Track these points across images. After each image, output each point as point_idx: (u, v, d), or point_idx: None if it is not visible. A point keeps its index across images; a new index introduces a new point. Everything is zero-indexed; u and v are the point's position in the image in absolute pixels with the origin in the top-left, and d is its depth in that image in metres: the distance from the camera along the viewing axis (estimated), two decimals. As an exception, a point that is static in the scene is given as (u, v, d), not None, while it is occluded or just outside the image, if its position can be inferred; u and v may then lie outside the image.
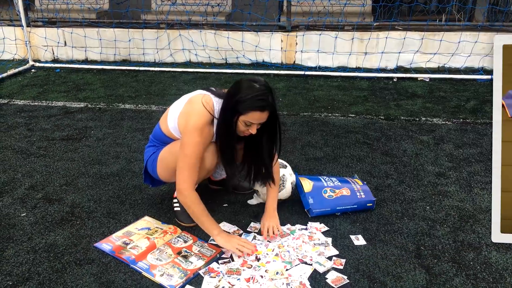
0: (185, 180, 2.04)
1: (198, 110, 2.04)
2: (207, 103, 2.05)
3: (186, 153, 2.02)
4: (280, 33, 5.21)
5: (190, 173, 2.04)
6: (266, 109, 1.94)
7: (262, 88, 1.94)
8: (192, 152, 2.02)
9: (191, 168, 2.03)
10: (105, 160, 3.04)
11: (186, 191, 2.04)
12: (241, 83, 1.98)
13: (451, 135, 3.38)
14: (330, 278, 1.93)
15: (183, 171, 2.04)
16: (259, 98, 1.91)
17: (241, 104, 1.92)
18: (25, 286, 1.90)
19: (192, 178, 2.05)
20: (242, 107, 1.92)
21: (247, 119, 1.95)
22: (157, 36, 5.44)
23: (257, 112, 1.93)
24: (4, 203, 2.53)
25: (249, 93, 1.92)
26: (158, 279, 1.92)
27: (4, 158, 3.08)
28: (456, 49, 4.88)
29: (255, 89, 1.93)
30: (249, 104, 1.92)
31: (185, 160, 2.03)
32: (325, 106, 4.06)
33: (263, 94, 1.93)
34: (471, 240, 2.17)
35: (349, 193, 2.38)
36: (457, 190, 2.62)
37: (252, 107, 1.92)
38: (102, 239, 2.20)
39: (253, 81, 1.97)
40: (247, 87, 1.94)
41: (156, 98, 4.32)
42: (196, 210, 2.06)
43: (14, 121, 3.76)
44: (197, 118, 2.02)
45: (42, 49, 5.72)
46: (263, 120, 1.98)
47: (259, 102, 1.92)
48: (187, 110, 2.09)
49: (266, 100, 1.93)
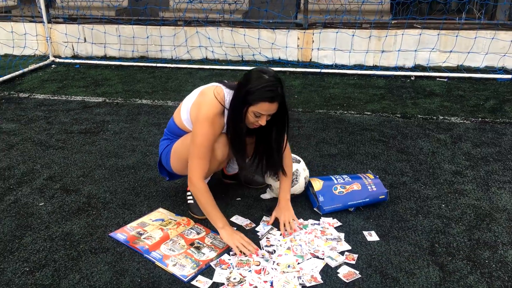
0: (196, 170, 2.05)
1: (209, 101, 2.06)
2: (218, 94, 2.07)
3: (196, 143, 2.04)
4: (297, 31, 5.20)
5: (200, 163, 2.05)
6: (275, 100, 1.95)
7: (272, 79, 1.95)
8: (203, 142, 2.03)
9: (201, 158, 2.05)
10: (121, 153, 3.09)
11: (195, 181, 2.06)
12: (251, 74, 1.99)
13: (469, 134, 3.33)
14: (342, 273, 1.93)
15: (194, 161, 2.06)
16: (268, 89, 1.92)
17: (251, 95, 1.93)
18: (41, 273, 1.94)
19: (202, 168, 2.06)
20: (252, 98, 1.93)
21: (257, 110, 1.96)
22: (175, 33, 5.49)
23: (266, 103, 1.93)
24: (23, 193, 2.59)
25: (259, 84, 1.92)
26: (170, 269, 1.94)
27: (24, 150, 3.15)
28: (475, 48, 4.80)
29: (265, 80, 1.93)
30: (258, 95, 1.92)
31: (195, 151, 2.05)
32: (340, 103, 4.04)
33: (272, 85, 1.93)
34: (487, 239, 2.14)
35: (359, 187, 2.36)
36: (474, 188, 2.58)
37: (262, 98, 1.92)
38: (117, 229, 2.24)
39: (263, 72, 1.97)
40: (256, 78, 1.95)
41: (172, 94, 4.36)
42: (204, 201, 2.07)
43: (34, 115, 3.84)
44: (208, 108, 2.05)
45: (63, 45, 5.83)
46: (272, 111, 1.98)
47: (269, 93, 1.92)
48: (199, 101, 2.11)
49: (275, 91, 1.93)
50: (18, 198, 2.54)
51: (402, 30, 4.93)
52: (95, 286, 1.86)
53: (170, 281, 1.89)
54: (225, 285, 1.85)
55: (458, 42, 4.82)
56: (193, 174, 2.06)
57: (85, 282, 1.89)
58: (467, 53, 4.83)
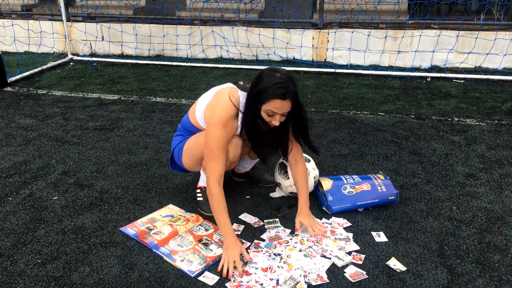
0: (211, 174, 2.04)
1: (224, 104, 2.07)
2: (233, 97, 2.08)
3: (210, 146, 2.05)
4: (312, 30, 5.19)
5: (216, 164, 2.04)
6: (287, 97, 1.94)
7: (283, 77, 1.95)
8: (216, 145, 2.04)
9: (216, 160, 2.04)
10: (134, 150, 3.13)
11: (211, 185, 2.03)
12: (263, 73, 2.00)
13: (484, 136, 3.27)
14: (349, 273, 1.92)
15: (209, 163, 2.05)
16: (279, 86, 1.92)
17: (263, 93, 1.94)
18: (53, 265, 1.99)
19: (217, 170, 2.04)
20: (264, 95, 1.94)
21: (269, 108, 1.96)
22: (190, 32, 5.53)
23: (278, 100, 1.93)
24: (38, 187, 2.65)
25: (270, 82, 1.93)
26: (178, 264, 1.97)
27: (40, 145, 3.22)
28: (493, 49, 4.71)
29: (276, 78, 1.94)
30: (270, 92, 1.93)
31: (209, 154, 2.06)
32: (354, 104, 4.02)
33: (284, 82, 1.93)
34: (497, 242, 2.10)
35: (369, 188, 2.35)
36: (486, 191, 2.54)
37: (273, 95, 1.93)
38: (127, 224, 2.28)
39: (275, 71, 1.98)
40: (268, 76, 1.96)
41: (186, 92, 4.40)
42: (215, 206, 2.02)
43: (51, 111, 3.93)
44: (222, 111, 2.06)
45: (81, 43, 5.94)
46: (285, 109, 1.97)
47: (280, 90, 1.92)
48: (214, 103, 2.13)
49: (287, 88, 1.93)
50: (33, 192, 2.60)
51: (420, 31, 4.87)
52: (104, 279, 1.90)
53: (177, 276, 1.92)
54: (231, 282, 1.87)
55: (477, 43, 4.74)
56: (209, 178, 2.04)
57: (95, 275, 1.93)
58: (485, 54, 4.75)
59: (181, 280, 1.89)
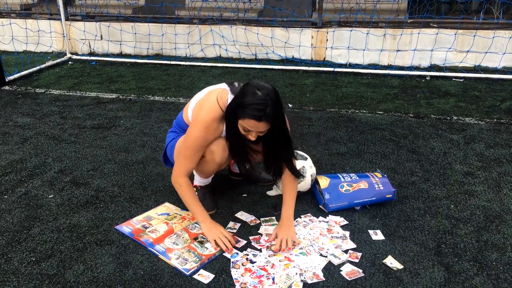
0: (179, 168, 2.11)
1: (210, 105, 2.04)
2: (221, 98, 2.03)
3: (187, 144, 2.08)
4: (311, 29, 5.18)
5: (186, 163, 2.09)
6: (262, 119, 1.87)
7: (263, 97, 1.86)
8: (192, 144, 2.05)
9: (187, 159, 2.08)
10: (131, 148, 3.12)
11: (176, 177, 2.11)
12: (247, 86, 1.92)
13: (483, 134, 3.26)
14: (345, 271, 1.91)
15: (180, 159, 2.11)
16: (256, 108, 1.85)
17: (240, 109, 1.89)
18: (47, 263, 1.98)
19: (186, 167, 2.10)
20: (241, 112, 1.89)
21: (244, 125, 1.91)
22: (189, 31, 5.52)
23: (253, 121, 1.87)
24: (34, 185, 2.64)
25: (249, 100, 1.86)
26: (173, 262, 1.96)
27: (37, 143, 3.21)
28: (492, 48, 4.70)
29: (256, 97, 1.86)
30: (247, 111, 1.87)
31: (182, 151, 2.10)
32: (352, 102, 4.00)
33: (261, 104, 1.85)
34: (495, 241, 2.09)
35: (366, 186, 2.34)
36: (484, 190, 2.53)
37: (249, 115, 1.87)
38: (123, 222, 2.26)
39: (258, 88, 1.89)
40: (250, 93, 1.88)
41: (185, 91, 4.39)
42: (184, 195, 2.11)
43: (49, 109, 3.92)
44: (207, 112, 2.04)
45: (80, 42, 5.93)
46: (260, 129, 1.91)
47: (256, 112, 1.85)
48: (202, 102, 2.11)
49: (263, 111, 1.85)
50: (28, 190, 2.59)
51: (418, 29, 4.86)
52: (98, 277, 1.89)
53: (172, 274, 1.90)
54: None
55: (476, 42, 4.73)
56: (175, 170, 2.12)
57: (89, 273, 1.91)
58: (484, 53, 4.73)
59: (176, 278, 1.88)
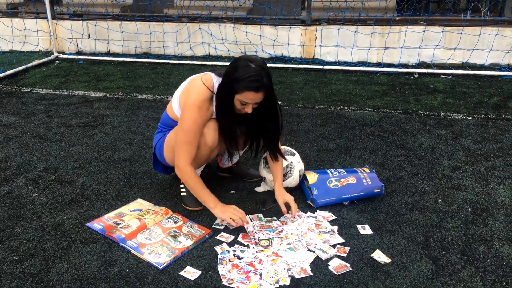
0: (183, 155, 2.08)
1: (198, 87, 2.07)
2: (206, 80, 2.08)
3: (184, 128, 2.06)
4: (299, 27, 5.17)
5: (188, 148, 2.07)
6: (260, 89, 1.95)
7: (258, 68, 1.94)
8: (191, 127, 2.04)
9: (188, 144, 2.06)
10: (118, 146, 3.08)
11: (182, 166, 2.09)
12: (238, 61, 1.98)
13: (470, 130, 3.27)
14: (333, 265, 1.89)
15: (181, 146, 2.08)
16: (253, 79, 1.92)
17: (237, 83, 1.94)
18: (30, 262, 1.94)
19: (189, 153, 2.08)
20: (237, 86, 1.94)
21: (242, 99, 1.97)
22: (178, 29, 5.49)
23: (251, 92, 1.94)
24: (17, 184, 2.59)
25: (245, 73, 1.92)
26: (146, 257, 1.94)
27: (22, 142, 3.16)
28: (479, 45, 4.72)
29: (251, 70, 1.93)
30: (244, 84, 1.93)
31: (182, 136, 2.07)
32: (341, 99, 4.00)
33: (257, 75, 1.92)
34: (483, 234, 2.09)
35: (355, 181, 2.33)
36: (472, 184, 2.53)
37: (247, 87, 1.93)
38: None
39: (250, 61, 1.96)
40: (243, 66, 1.94)
41: (173, 89, 4.30)
42: (193, 183, 2.11)
43: (34, 108, 3.86)
44: (196, 94, 2.05)
45: (67, 41, 5.86)
46: (257, 100, 1.99)
47: (254, 83, 1.92)
48: (188, 88, 2.13)
49: (261, 81, 1.93)
50: (12, 189, 2.54)
51: (406, 27, 4.87)
52: (82, 275, 1.85)
53: (158, 271, 1.88)
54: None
55: (463, 39, 4.75)
56: (180, 160, 2.09)
57: (73, 271, 1.88)
58: (471, 50, 4.76)
59: (161, 276, 1.85)
